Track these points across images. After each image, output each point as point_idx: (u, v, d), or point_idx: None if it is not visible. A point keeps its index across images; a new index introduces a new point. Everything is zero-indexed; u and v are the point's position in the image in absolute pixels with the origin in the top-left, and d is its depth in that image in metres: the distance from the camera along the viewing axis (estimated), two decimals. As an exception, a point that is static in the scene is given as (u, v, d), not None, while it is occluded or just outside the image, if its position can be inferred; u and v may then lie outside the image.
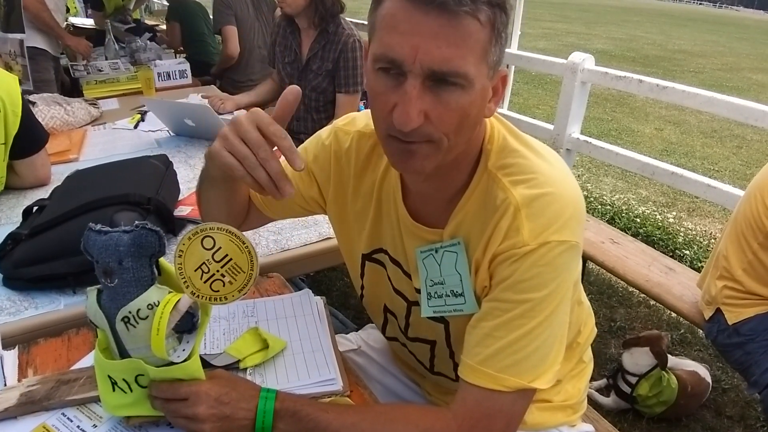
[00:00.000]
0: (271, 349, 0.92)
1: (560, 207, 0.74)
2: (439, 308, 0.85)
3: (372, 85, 0.71)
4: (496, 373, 0.74)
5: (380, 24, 0.69)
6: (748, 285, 1.56)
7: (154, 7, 8.83)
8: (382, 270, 0.96)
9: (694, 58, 12.61)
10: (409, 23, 0.65)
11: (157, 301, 0.70)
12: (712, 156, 5.48)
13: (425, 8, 0.64)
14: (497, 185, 0.77)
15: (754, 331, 1.56)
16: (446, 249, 0.82)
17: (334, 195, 0.97)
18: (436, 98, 0.67)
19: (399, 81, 0.67)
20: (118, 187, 1.24)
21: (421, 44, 0.65)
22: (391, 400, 1.11)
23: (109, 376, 0.75)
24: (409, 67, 0.66)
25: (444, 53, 0.65)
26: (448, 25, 0.64)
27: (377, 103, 0.71)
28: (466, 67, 0.66)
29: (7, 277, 1.14)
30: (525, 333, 0.74)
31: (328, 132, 0.97)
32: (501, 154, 0.79)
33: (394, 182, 0.88)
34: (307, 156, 0.98)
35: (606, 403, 2.02)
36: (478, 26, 0.66)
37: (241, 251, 0.70)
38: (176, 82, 3.03)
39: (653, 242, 3.18)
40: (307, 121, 2.47)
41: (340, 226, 1.00)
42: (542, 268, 0.73)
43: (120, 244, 0.70)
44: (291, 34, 2.40)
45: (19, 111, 1.47)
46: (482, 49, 0.67)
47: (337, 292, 2.56)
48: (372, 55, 0.70)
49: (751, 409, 2.04)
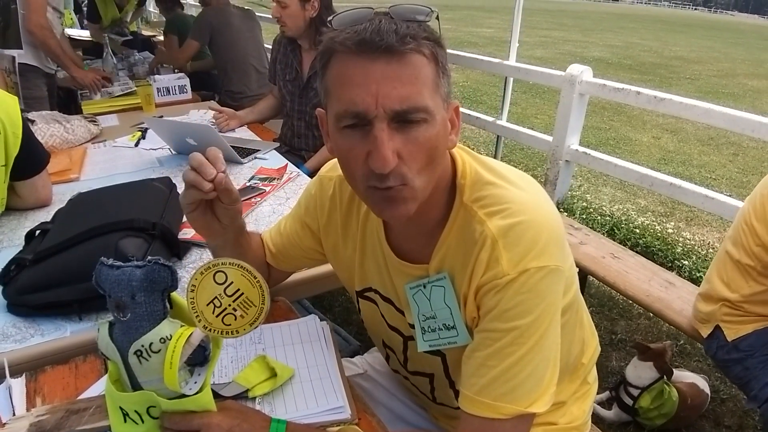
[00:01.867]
0: (279, 377, 0.93)
1: (535, 233, 0.75)
2: (434, 342, 0.87)
3: (340, 144, 0.73)
4: (493, 402, 0.75)
5: (334, 84, 0.72)
6: (747, 307, 1.57)
7: (150, 17, 8.83)
8: (375, 307, 0.98)
9: (690, 65, 12.68)
10: (363, 74, 0.68)
11: (169, 335, 0.71)
12: (709, 164, 5.51)
13: (372, 56, 0.67)
14: (474, 218, 0.79)
15: (753, 346, 1.56)
16: (434, 284, 0.84)
17: (327, 240, 1.01)
18: (405, 137, 0.69)
19: (366, 131, 0.69)
20: (122, 212, 1.25)
21: (380, 89, 0.67)
22: (399, 425, 1.12)
23: (120, 407, 0.76)
24: (373, 114, 0.68)
25: (401, 92, 0.68)
26: (398, 66, 0.68)
27: (351, 159, 0.73)
28: (424, 102, 0.69)
29: (11, 303, 1.13)
30: (517, 360, 0.75)
31: (314, 182, 1.02)
32: (474, 188, 0.81)
33: (376, 223, 0.91)
34: (300, 210, 1.05)
35: (608, 416, 2.03)
36: (425, 61, 0.69)
37: (253, 285, 0.71)
38: (176, 98, 3.04)
39: (652, 253, 3.19)
40: (308, 138, 2.49)
41: (338, 267, 1.04)
42: (525, 295, 0.74)
43: (133, 279, 0.70)
44: (292, 52, 2.42)
45: (19, 132, 1.46)
46: (433, 82, 0.71)
47: (340, 308, 2.57)
48: (334, 116, 0.72)
49: (749, 419, 2.06)
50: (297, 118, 2.47)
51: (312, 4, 2.22)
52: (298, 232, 1.05)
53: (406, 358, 0.99)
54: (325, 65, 0.73)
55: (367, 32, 0.67)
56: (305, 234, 1.04)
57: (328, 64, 0.72)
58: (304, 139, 2.49)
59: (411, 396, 1.16)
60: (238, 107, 2.83)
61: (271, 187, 1.77)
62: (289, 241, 1.07)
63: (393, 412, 1.14)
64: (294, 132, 2.51)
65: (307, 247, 1.05)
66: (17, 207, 1.59)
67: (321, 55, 0.73)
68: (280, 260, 1.10)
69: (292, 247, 1.07)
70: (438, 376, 0.95)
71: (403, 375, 1.04)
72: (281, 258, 1.10)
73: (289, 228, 1.07)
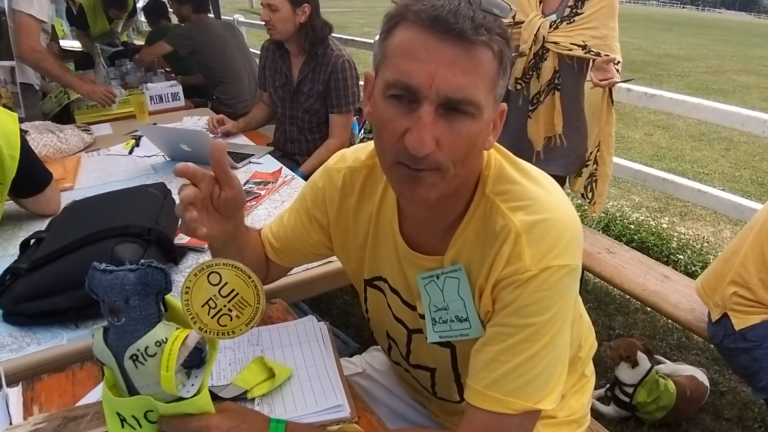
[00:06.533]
0: (277, 377, 0.93)
1: (559, 232, 0.75)
2: (444, 333, 0.86)
3: (381, 112, 0.72)
4: (503, 397, 0.75)
5: (394, 51, 0.70)
6: (760, 294, 1.57)
7: (142, 26, 8.82)
8: (383, 297, 0.97)
9: (680, 62, 12.75)
10: (427, 51, 0.66)
11: (165, 338, 0.70)
12: (701, 159, 5.54)
13: (443, 36, 0.66)
14: (496, 211, 0.78)
15: (760, 337, 1.57)
16: (447, 275, 0.83)
17: (337, 232, 0.99)
18: (448, 126, 0.68)
19: (411, 107, 0.68)
20: (117, 218, 1.24)
21: (439, 71, 0.66)
22: (399, 422, 1.12)
23: (118, 412, 0.75)
24: (425, 93, 0.67)
25: (459, 81, 0.66)
26: (464, 54, 0.66)
27: (387, 130, 0.71)
28: (478, 96, 0.68)
29: (7, 313, 1.13)
30: (530, 356, 0.75)
31: (320, 174, 1.00)
32: (498, 181, 0.80)
33: (390, 212, 0.90)
34: (306, 203, 1.01)
35: (607, 411, 2.03)
36: (491, 57, 0.68)
37: (247, 285, 0.71)
38: (169, 105, 3.03)
39: (648, 249, 3.20)
40: (301, 143, 2.49)
41: (346, 258, 1.01)
42: (545, 292, 0.74)
43: (126, 283, 0.70)
44: (280, 58, 2.42)
45: (17, 154, 1.42)
46: (492, 80, 0.69)
47: (338, 311, 2.56)
48: (384, 81, 0.71)
49: (749, 411, 2.06)
50: (289, 123, 2.48)
51: (303, 9, 2.23)
52: (306, 225, 1.01)
53: (408, 351, 0.98)
54: (391, 28, 0.71)
55: (444, 10, 0.66)
56: (313, 227, 1.01)
57: (395, 28, 0.70)
58: (297, 143, 2.49)
59: (410, 393, 1.15)
60: (231, 113, 2.84)
61: (267, 190, 1.77)
62: (294, 234, 1.04)
63: (392, 410, 1.14)
64: (287, 137, 2.51)
65: (315, 241, 1.02)
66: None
67: (389, 18, 0.71)
68: (283, 255, 1.07)
69: (297, 240, 1.04)
70: (442, 370, 0.95)
71: (404, 368, 1.04)
72: (284, 252, 1.07)
73: (294, 221, 1.04)
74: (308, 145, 2.46)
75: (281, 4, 2.21)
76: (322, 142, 2.42)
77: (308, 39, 2.27)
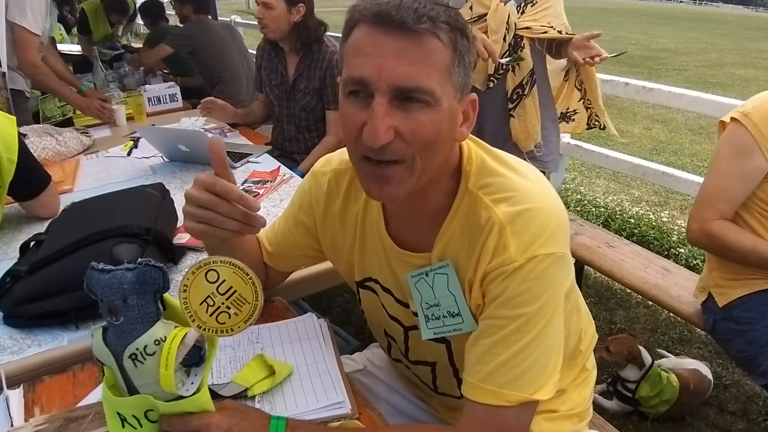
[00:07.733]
0: (277, 375, 0.93)
1: (543, 221, 0.76)
2: (438, 329, 0.86)
3: (342, 110, 0.75)
4: (498, 389, 0.75)
5: (348, 51, 0.73)
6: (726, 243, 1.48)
7: (140, 29, 8.83)
8: (375, 297, 0.98)
9: (678, 56, 12.73)
10: (374, 45, 0.69)
11: (163, 336, 0.70)
12: (700, 153, 5.54)
13: (387, 29, 0.68)
14: (480, 205, 0.79)
15: (753, 319, 1.51)
16: (436, 272, 0.84)
17: (324, 235, 1.01)
18: (405, 115, 0.70)
19: (367, 102, 0.71)
20: (116, 219, 1.24)
21: (386, 63, 0.68)
22: (400, 419, 1.12)
23: (118, 412, 0.75)
24: (375, 86, 0.69)
25: (407, 70, 0.68)
26: (410, 44, 0.68)
27: (347, 126, 0.74)
28: (430, 84, 0.69)
29: (7, 315, 1.13)
30: (522, 347, 0.75)
31: (307, 178, 1.02)
32: (480, 175, 0.81)
33: (376, 212, 0.90)
34: (294, 208, 1.04)
35: (610, 406, 2.03)
36: (440, 45, 0.70)
37: (245, 282, 0.71)
38: (167, 107, 3.03)
39: (648, 242, 3.20)
40: (299, 141, 2.49)
41: (337, 261, 1.03)
42: (532, 282, 0.74)
43: (124, 282, 0.70)
44: (276, 57, 2.42)
45: (14, 157, 1.43)
46: (445, 68, 0.71)
47: (338, 309, 2.56)
48: (342, 81, 0.74)
49: (753, 404, 2.06)
50: (287, 122, 2.48)
51: (298, 8, 2.23)
52: (292, 230, 1.04)
53: (407, 348, 0.99)
54: (347, 33, 0.74)
55: (389, 6, 0.69)
56: (299, 232, 1.04)
57: (350, 32, 0.74)
58: (296, 142, 2.49)
59: (411, 390, 1.16)
60: (229, 113, 2.84)
61: (265, 189, 1.77)
62: (284, 239, 1.07)
63: (393, 407, 1.14)
64: (285, 136, 2.51)
65: (303, 245, 1.05)
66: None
67: (345, 22, 0.75)
68: (277, 260, 1.10)
69: (287, 246, 1.07)
70: (441, 365, 0.95)
71: (405, 365, 1.04)
72: (278, 258, 1.09)
73: (283, 227, 1.07)
74: (306, 144, 2.46)
75: (276, 2, 2.21)
76: (320, 139, 2.42)
77: (300, 39, 2.28)
